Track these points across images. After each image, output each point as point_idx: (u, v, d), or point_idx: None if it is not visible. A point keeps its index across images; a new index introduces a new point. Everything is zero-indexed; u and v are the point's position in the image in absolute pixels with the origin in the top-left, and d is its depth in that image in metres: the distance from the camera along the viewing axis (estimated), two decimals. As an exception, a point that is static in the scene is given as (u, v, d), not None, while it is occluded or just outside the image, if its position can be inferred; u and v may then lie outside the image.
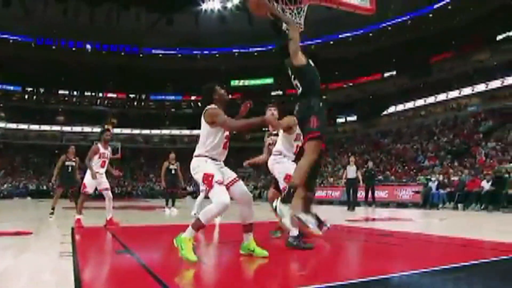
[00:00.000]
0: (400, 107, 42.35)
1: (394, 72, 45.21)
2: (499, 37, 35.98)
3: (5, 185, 36.63)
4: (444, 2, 40.22)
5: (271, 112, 5.68)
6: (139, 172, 46.47)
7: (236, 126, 4.10)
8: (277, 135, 5.85)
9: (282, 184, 5.34)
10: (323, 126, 4.47)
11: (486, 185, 14.99)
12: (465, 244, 5.52)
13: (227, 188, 4.07)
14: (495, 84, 33.95)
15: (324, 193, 23.46)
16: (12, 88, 49.92)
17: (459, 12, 39.32)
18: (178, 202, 15.63)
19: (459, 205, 15.44)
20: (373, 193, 17.37)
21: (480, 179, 16.12)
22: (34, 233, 6.89)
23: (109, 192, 8.16)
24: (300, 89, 4.58)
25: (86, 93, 53.19)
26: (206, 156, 4.14)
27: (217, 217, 4.06)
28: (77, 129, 50.46)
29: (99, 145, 8.23)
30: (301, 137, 5.43)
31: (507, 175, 15.49)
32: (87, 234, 6.89)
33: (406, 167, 28.07)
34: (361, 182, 16.00)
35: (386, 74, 45.87)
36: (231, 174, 4.22)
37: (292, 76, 4.66)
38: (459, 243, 5.63)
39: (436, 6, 40.94)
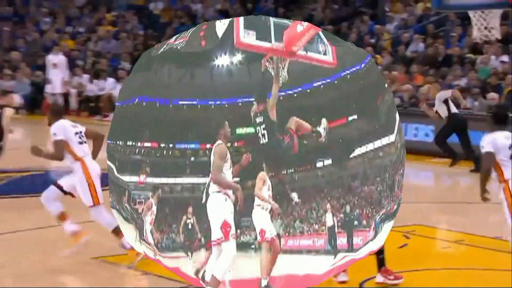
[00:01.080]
0: (363, 149, 43.70)
1: (355, 116, 46.94)
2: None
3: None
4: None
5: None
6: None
7: (221, 183, 3.42)
8: None
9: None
10: None
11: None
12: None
13: None
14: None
15: (311, 242, 23.12)
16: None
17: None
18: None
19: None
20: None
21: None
22: None
23: None
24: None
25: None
26: (224, 193, 3.54)
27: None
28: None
29: None
30: None
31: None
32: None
33: (374, 210, 28.81)
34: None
35: (350, 118, 47.40)
36: None
37: (263, 125, 3.67)
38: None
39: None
